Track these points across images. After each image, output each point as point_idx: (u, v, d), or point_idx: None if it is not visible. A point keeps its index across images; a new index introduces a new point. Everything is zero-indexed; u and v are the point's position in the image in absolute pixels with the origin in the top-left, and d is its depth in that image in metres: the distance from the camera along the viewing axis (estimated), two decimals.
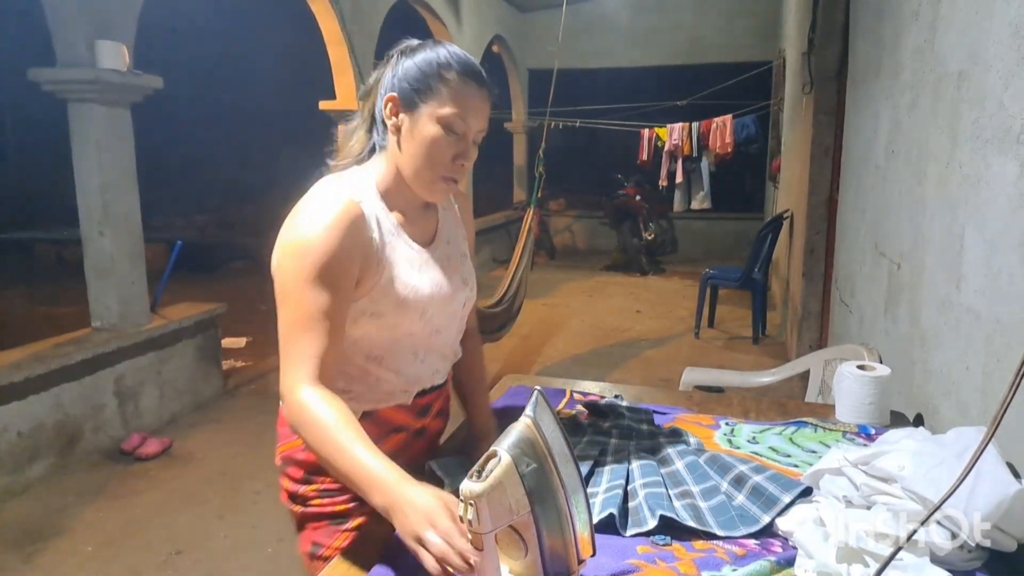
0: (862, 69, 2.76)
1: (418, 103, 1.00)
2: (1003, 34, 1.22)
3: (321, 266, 0.95)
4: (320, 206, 0.98)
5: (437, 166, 1.02)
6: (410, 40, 1.07)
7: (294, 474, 1.11)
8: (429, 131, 1.00)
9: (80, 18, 3.12)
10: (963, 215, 1.40)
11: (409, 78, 1.00)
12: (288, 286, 0.97)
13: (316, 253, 0.95)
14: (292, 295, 0.96)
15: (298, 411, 0.94)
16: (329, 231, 0.96)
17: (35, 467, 2.96)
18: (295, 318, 0.96)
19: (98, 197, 3.29)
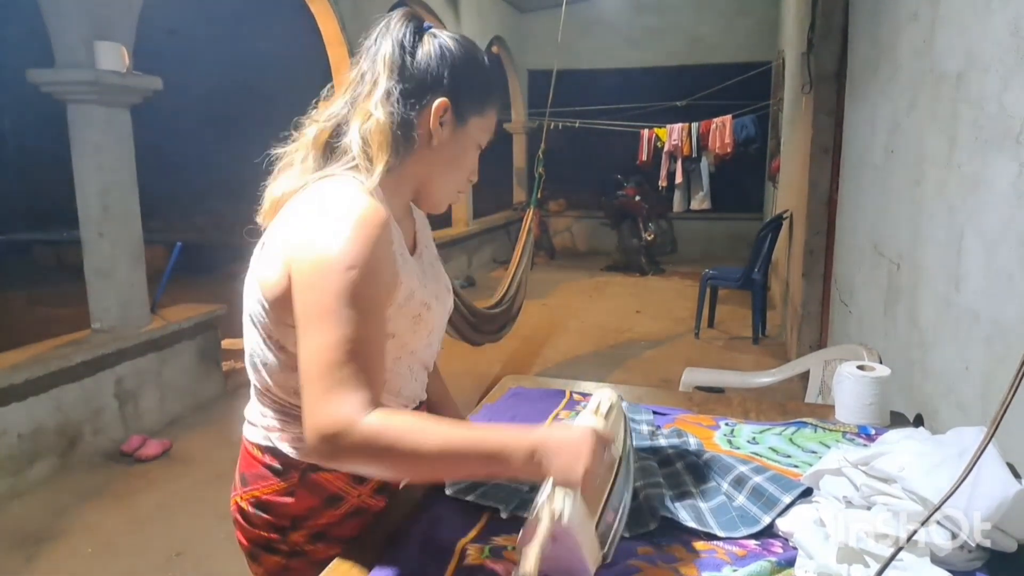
0: (861, 69, 2.76)
1: (468, 117, 0.95)
2: (1001, 34, 1.22)
3: (366, 281, 0.83)
4: (356, 213, 0.84)
5: (460, 178, 1.01)
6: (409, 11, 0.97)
7: (280, 519, 0.98)
8: (468, 144, 0.98)
9: (79, 19, 3.12)
10: (962, 215, 1.40)
11: (464, 86, 0.94)
12: (327, 306, 0.81)
13: (361, 266, 0.82)
14: (333, 315, 0.81)
15: (375, 430, 0.78)
16: (371, 240, 0.84)
17: (35, 469, 2.96)
18: (337, 342, 0.80)
19: (98, 198, 3.29)
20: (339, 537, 0.99)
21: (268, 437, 0.98)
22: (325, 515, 0.98)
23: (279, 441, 0.97)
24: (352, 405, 0.79)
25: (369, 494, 1.01)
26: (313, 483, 0.97)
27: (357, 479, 0.99)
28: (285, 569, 1.01)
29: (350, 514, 1.00)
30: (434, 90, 0.92)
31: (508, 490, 1.07)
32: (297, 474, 0.97)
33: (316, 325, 0.82)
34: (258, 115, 11.56)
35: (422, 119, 0.93)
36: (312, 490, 0.97)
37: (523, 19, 9.21)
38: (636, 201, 8.05)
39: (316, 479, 0.97)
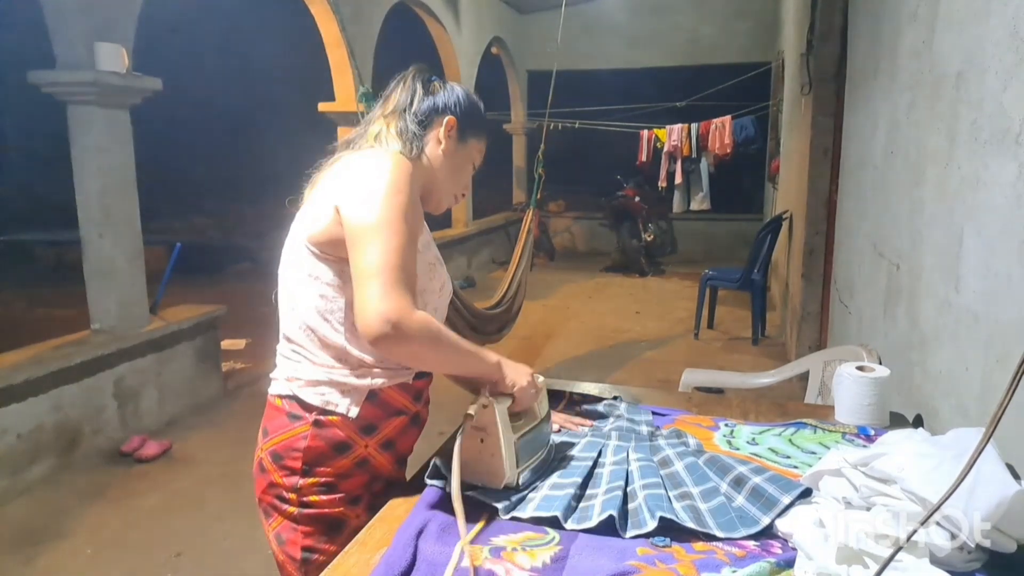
0: (860, 70, 2.77)
1: (468, 138, 1.23)
2: (1001, 35, 1.23)
3: (408, 205, 1.06)
4: (393, 159, 1.09)
5: (459, 186, 1.26)
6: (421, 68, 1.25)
7: (292, 464, 1.11)
8: (466, 159, 1.25)
9: (79, 20, 3.12)
10: (962, 216, 1.40)
11: (467, 114, 1.22)
12: (385, 218, 1.02)
13: (405, 193, 1.06)
14: (390, 226, 1.02)
15: (427, 321, 1.02)
16: (409, 178, 1.08)
17: (35, 469, 2.96)
18: (394, 248, 1.01)
19: (98, 199, 3.29)
20: (346, 492, 1.12)
21: (288, 386, 1.13)
22: (333, 463, 1.11)
23: (298, 388, 1.12)
24: (410, 299, 1.01)
25: (376, 447, 1.14)
26: (323, 428, 1.11)
27: (365, 430, 1.12)
28: (293, 522, 1.13)
29: (357, 464, 1.12)
30: (444, 113, 1.21)
31: (507, 489, 1.08)
32: (310, 419, 1.11)
33: (377, 234, 1.02)
34: (258, 117, 11.57)
35: (432, 132, 1.20)
36: (323, 435, 1.11)
37: (523, 20, 9.21)
38: (636, 202, 8.05)
39: (326, 423, 1.11)
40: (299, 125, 7.21)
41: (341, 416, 1.11)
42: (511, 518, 1.02)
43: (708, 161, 7.29)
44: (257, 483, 1.17)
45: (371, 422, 1.12)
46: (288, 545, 1.14)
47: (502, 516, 1.02)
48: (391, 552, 0.92)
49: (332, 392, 1.11)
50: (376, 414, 1.13)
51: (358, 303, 1.00)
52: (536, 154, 4.57)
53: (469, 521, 1.00)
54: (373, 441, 1.13)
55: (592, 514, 1.00)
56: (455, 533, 0.96)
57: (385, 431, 1.14)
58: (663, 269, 8.17)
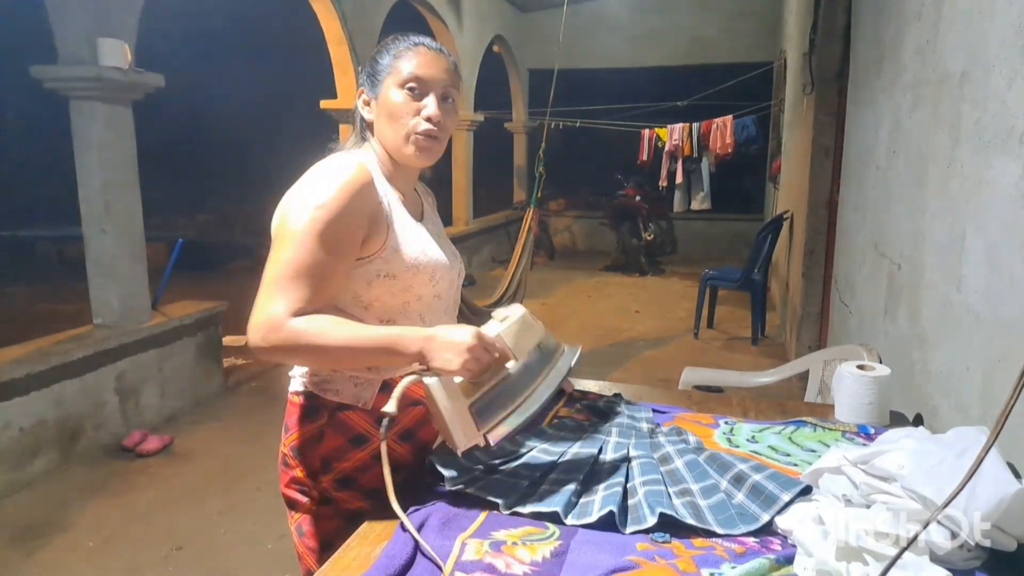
0: (863, 70, 2.76)
1: (380, 83, 1.13)
2: (1005, 34, 1.23)
3: (328, 223, 1.02)
4: (334, 169, 1.06)
5: (404, 123, 1.11)
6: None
7: (312, 460, 1.12)
8: (392, 98, 1.12)
9: (82, 16, 3.12)
10: (964, 216, 1.40)
11: (369, 70, 1.16)
12: (295, 232, 1.01)
13: (327, 210, 1.02)
14: (293, 242, 1.01)
15: (297, 330, 0.98)
16: (342, 191, 1.03)
17: (37, 463, 2.96)
18: (288, 261, 1.01)
19: (99, 195, 3.30)
20: (365, 487, 1.12)
21: (304, 383, 1.15)
22: (352, 457, 1.12)
23: (314, 385, 1.14)
24: (283, 308, 0.99)
25: (394, 438, 1.15)
26: (340, 422, 1.12)
27: (382, 422, 1.08)
28: (315, 516, 1.14)
29: (375, 457, 1.09)
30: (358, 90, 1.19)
31: (507, 484, 1.08)
32: (327, 414, 1.12)
33: (278, 246, 1.03)
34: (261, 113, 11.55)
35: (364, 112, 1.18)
36: (339, 429, 1.12)
37: (524, 18, 9.20)
38: (636, 201, 8.04)
39: (343, 418, 1.12)
40: (301, 122, 7.20)
41: (357, 409, 1.12)
42: (511, 513, 1.02)
43: (709, 161, 7.28)
44: (281, 477, 1.18)
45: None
46: (308, 537, 1.15)
47: (502, 511, 1.02)
48: (392, 545, 0.93)
49: (346, 386, 1.13)
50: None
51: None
52: (537, 153, 4.57)
53: (469, 515, 1.00)
54: (391, 433, 1.13)
55: (592, 510, 1.00)
56: (456, 527, 0.96)
57: (403, 422, 1.15)
58: (663, 268, 8.17)
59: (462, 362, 0.98)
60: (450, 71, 1.15)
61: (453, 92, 1.15)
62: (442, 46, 1.18)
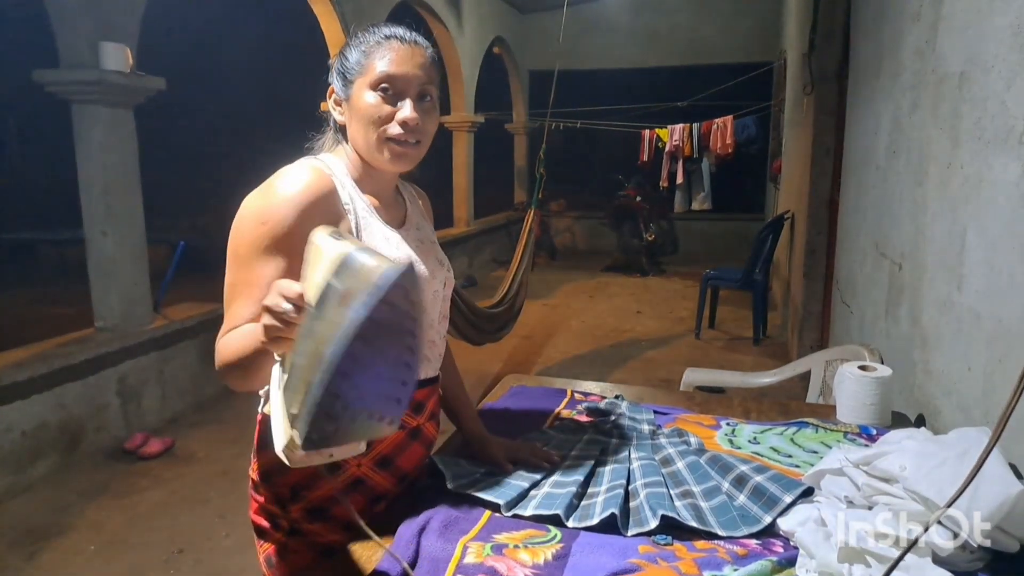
0: (863, 70, 2.76)
1: (351, 83, 1.04)
2: (1004, 34, 1.23)
3: (277, 236, 0.95)
4: (289, 176, 1.00)
5: (378, 126, 1.02)
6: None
7: (281, 489, 1.04)
8: (364, 99, 1.02)
9: (83, 20, 3.13)
10: (964, 216, 1.40)
11: (339, 68, 1.06)
12: (240, 250, 0.98)
13: (275, 222, 0.96)
14: (242, 260, 0.97)
15: (217, 349, 0.96)
16: (289, 204, 0.96)
17: (38, 466, 2.97)
18: (239, 283, 0.98)
19: (101, 198, 3.30)
20: (339, 517, 1.03)
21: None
22: (324, 485, 1.02)
23: None
24: (222, 332, 0.98)
25: (370, 465, 1.06)
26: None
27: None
28: (284, 548, 1.05)
29: (350, 485, 1.04)
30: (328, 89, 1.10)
31: (509, 486, 1.08)
32: None
33: (228, 265, 1.00)
34: (263, 115, 11.55)
35: (335, 113, 1.10)
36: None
37: (525, 20, 9.21)
38: (637, 201, 8.04)
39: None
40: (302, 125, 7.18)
41: None
42: (513, 515, 1.02)
43: (709, 161, 7.27)
44: (250, 503, 1.11)
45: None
46: (277, 568, 1.07)
47: (504, 513, 1.02)
48: (393, 548, 0.93)
49: None
50: None
51: None
52: (538, 154, 4.57)
53: (470, 518, 1.00)
54: (366, 460, 1.04)
55: (594, 512, 1.00)
56: (457, 530, 0.96)
57: (379, 447, 1.05)
58: (664, 269, 8.17)
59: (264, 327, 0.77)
60: (427, 66, 1.05)
61: (431, 89, 1.05)
62: (417, 36, 1.08)
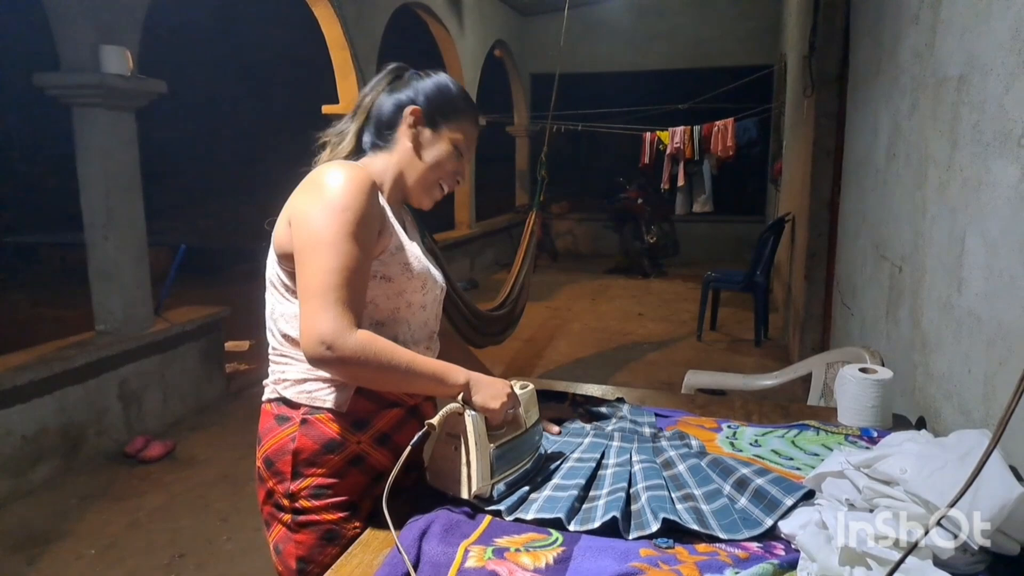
0: (863, 72, 2.77)
1: (439, 123, 1.18)
2: (1003, 37, 1.23)
3: (358, 223, 1.03)
4: (346, 173, 1.06)
5: (442, 176, 1.20)
6: (397, 66, 1.24)
7: (283, 468, 1.09)
8: (444, 148, 1.18)
9: (84, 23, 3.13)
10: (964, 218, 1.40)
11: (432, 100, 1.18)
12: (327, 238, 1.02)
13: (353, 210, 1.03)
14: (332, 247, 1.01)
15: (364, 343, 1.01)
16: (360, 192, 1.05)
17: (39, 470, 2.97)
18: (335, 268, 1.01)
19: (102, 201, 3.31)
20: (342, 495, 1.08)
21: (275, 390, 1.13)
22: (325, 463, 1.08)
23: (284, 390, 1.12)
24: (348, 320, 1.00)
25: (369, 442, 1.11)
26: (311, 426, 1.08)
27: (356, 425, 1.10)
28: (291, 532, 1.10)
29: (351, 462, 1.09)
30: (407, 105, 1.18)
31: (510, 490, 1.08)
32: (298, 418, 1.09)
33: (317, 253, 1.02)
34: (262, 119, 11.58)
35: (399, 126, 1.17)
36: (311, 433, 1.08)
37: (526, 23, 9.22)
38: (638, 204, 8.04)
39: (314, 421, 1.09)
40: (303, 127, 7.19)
41: (329, 412, 1.08)
42: (514, 519, 1.02)
43: (711, 163, 7.28)
44: (258, 493, 1.16)
45: (362, 416, 1.10)
46: (285, 555, 1.11)
47: (505, 517, 1.02)
48: (394, 553, 0.93)
49: (320, 388, 1.09)
50: (367, 407, 1.10)
51: (300, 323, 1.02)
52: (539, 156, 4.58)
53: (471, 522, 1.01)
54: (366, 436, 1.10)
55: (595, 515, 1.00)
56: (459, 534, 0.97)
57: (378, 425, 1.11)
58: (666, 271, 8.17)
59: (500, 404, 1.07)
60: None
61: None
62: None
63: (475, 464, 1.02)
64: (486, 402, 1.07)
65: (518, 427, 1.12)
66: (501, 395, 1.08)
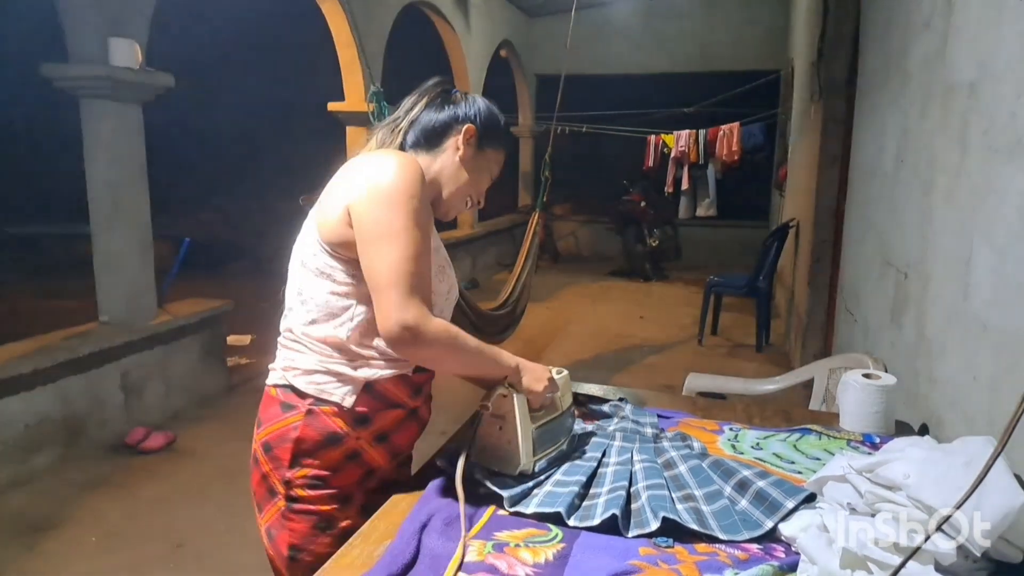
0: (871, 79, 2.76)
1: (486, 147, 1.25)
2: (1015, 45, 1.23)
3: (420, 211, 1.07)
4: (407, 163, 1.09)
5: (472, 193, 1.26)
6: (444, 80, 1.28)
7: (282, 455, 1.10)
8: (483, 169, 1.26)
9: (93, 15, 3.14)
10: (971, 225, 1.40)
11: (486, 125, 1.24)
12: (398, 226, 1.04)
13: (419, 198, 1.07)
14: (405, 235, 1.04)
15: (444, 326, 1.07)
16: (421, 182, 1.09)
17: (40, 458, 2.97)
18: (409, 256, 1.04)
19: (108, 193, 3.31)
20: (337, 487, 1.11)
21: (284, 376, 1.13)
22: (323, 455, 1.10)
23: (293, 378, 1.12)
24: (426, 305, 1.05)
25: (368, 439, 1.12)
26: (316, 418, 1.10)
27: (358, 421, 1.11)
28: (282, 517, 1.11)
29: (348, 457, 1.11)
30: (463, 122, 1.22)
31: (511, 482, 1.08)
32: (303, 408, 1.10)
33: (390, 241, 1.04)
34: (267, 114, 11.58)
35: (449, 140, 1.21)
36: (314, 424, 1.10)
37: (532, 23, 9.22)
38: (641, 207, 8.04)
39: (319, 412, 1.10)
40: (308, 123, 7.22)
41: (335, 405, 1.10)
42: (514, 513, 1.02)
43: (715, 167, 7.28)
44: (252, 475, 1.16)
45: (365, 413, 1.11)
46: (277, 541, 1.12)
47: (506, 508, 1.02)
48: (395, 544, 0.93)
49: (329, 381, 1.10)
50: (371, 405, 1.11)
51: (378, 310, 1.04)
52: (543, 157, 4.58)
53: (472, 516, 1.01)
54: (366, 433, 1.11)
55: (595, 513, 1.00)
56: (459, 528, 0.97)
57: (379, 423, 1.12)
58: (668, 274, 8.16)
59: (543, 387, 1.16)
60: None
61: None
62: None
63: (521, 442, 1.10)
64: (531, 385, 1.14)
65: (555, 410, 1.20)
66: (543, 379, 1.16)
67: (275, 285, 1.24)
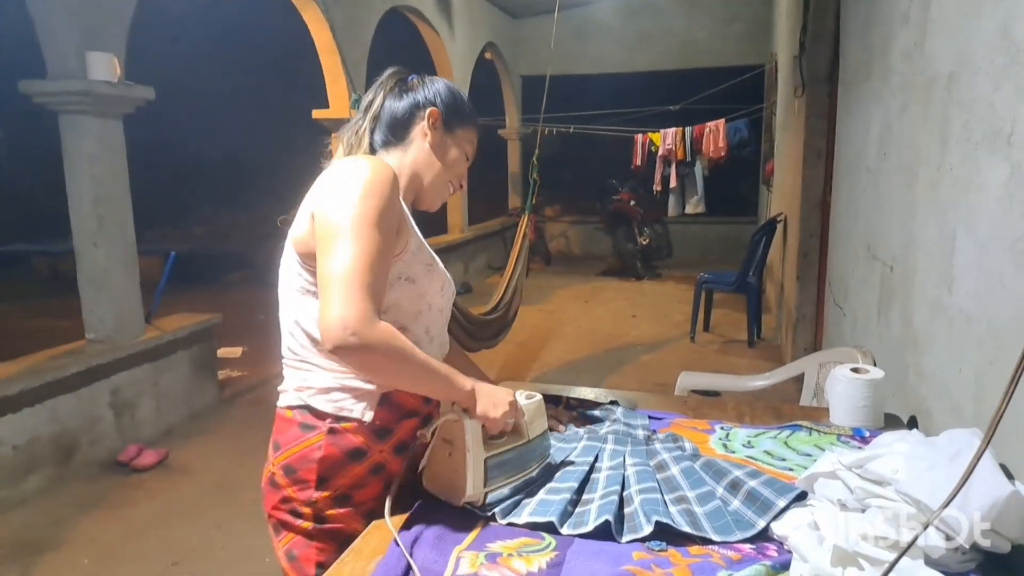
0: (853, 72, 2.78)
1: (454, 127, 1.22)
2: (992, 37, 1.23)
3: (380, 211, 1.03)
4: (370, 163, 1.07)
5: (453, 177, 1.24)
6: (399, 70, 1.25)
7: (307, 476, 1.07)
8: (456, 151, 1.24)
9: (70, 29, 3.11)
10: (954, 217, 1.41)
11: (447, 103, 1.21)
12: (353, 224, 1.00)
13: (377, 198, 1.03)
14: (358, 233, 1.00)
15: (389, 332, 0.99)
16: (384, 183, 1.05)
17: (31, 480, 2.94)
18: (359, 254, 0.99)
19: (91, 209, 3.28)
20: (362, 503, 1.10)
21: (299, 397, 1.11)
22: (349, 473, 1.08)
23: (309, 398, 1.10)
24: (372, 308, 0.98)
25: (390, 451, 1.12)
26: (339, 436, 1.08)
27: (379, 434, 1.10)
28: (308, 538, 1.10)
29: (372, 471, 1.10)
30: (425, 107, 1.20)
31: (503, 493, 1.08)
32: (324, 427, 1.08)
33: (342, 240, 1.00)
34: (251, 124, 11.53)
35: (416, 128, 1.19)
36: (338, 443, 1.08)
37: (516, 25, 9.23)
38: (631, 206, 8.06)
39: (341, 430, 1.08)
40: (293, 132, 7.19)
41: (356, 421, 1.08)
42: (507, 523, 1.02)
43: (702, 164, 7.30)
44: (267, 499, 1.14)
45: (385, 425, 1.10)
46: (301, 561, 1.11)
47: (499, 520, 1.02)
48: (386, 560, 0.92)
49: (346, 398, 1.09)
50: (389, 417, 1.11)
51: (320, 309, 0.99)
52: (531, 159, 4.58)
53: (464, 528, 1.00)
54: (387, 446, 1.11)
55: (588, 519, 1.00)
56: (451, 540, 0.96)
57: (399, 434, 1.12)
58: (659, 273, 8.18)
59: (501, 414, 1.07)
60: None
61: None
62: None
63: (469, 471, 1.03)
64: (486, 411, 1.06)
65: (520, 437, 1.11)
66: (502, 405, 1.08)
67: (266, 296, 1.23)
